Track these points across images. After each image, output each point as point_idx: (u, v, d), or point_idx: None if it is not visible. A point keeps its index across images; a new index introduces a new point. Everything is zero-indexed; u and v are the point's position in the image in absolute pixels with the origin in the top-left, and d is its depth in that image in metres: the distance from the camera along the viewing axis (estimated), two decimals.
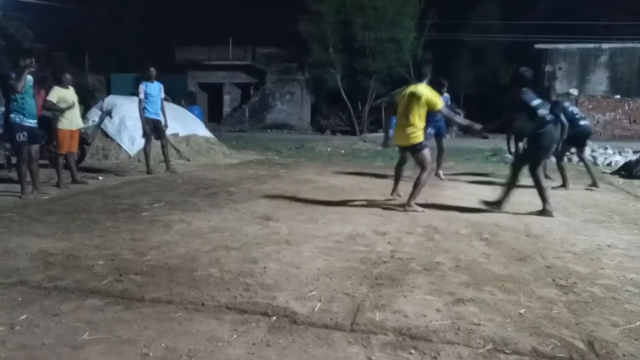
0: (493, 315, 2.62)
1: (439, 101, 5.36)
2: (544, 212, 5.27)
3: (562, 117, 6.88)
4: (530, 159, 5.36)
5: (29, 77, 5.73)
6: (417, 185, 5.38)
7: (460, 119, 6.35)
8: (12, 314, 2.54)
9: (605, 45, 22.92)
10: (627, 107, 22.22)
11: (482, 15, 28.16)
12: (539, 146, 5.23)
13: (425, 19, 25.97)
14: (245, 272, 3.25)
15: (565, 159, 7.79)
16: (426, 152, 5.41)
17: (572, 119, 7.06)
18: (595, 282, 3.19)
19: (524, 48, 24.80)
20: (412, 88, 5.38)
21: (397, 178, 6.15)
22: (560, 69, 23.15)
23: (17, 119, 5.65)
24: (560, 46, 23.32)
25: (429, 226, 4.69)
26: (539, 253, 3.85)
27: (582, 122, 7.22)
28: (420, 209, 5.38)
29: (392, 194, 6.11)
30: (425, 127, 5.61)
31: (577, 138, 7.25)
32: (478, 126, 5.64)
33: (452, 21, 25.74)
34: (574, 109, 7.31)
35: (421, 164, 5.42)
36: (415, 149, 5.36)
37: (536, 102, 5.18)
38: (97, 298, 2.78)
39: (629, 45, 22.83)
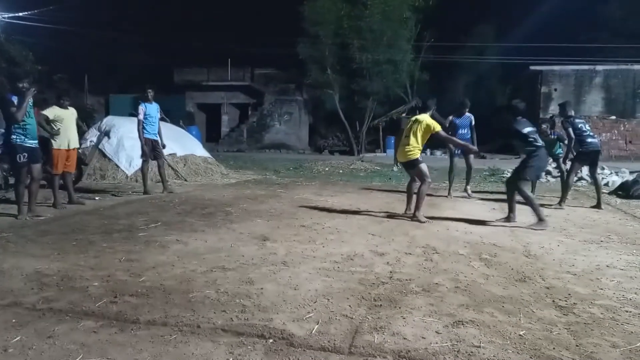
0: (493, 337, 2.59)
1: (437, 125, 6.11)
2: (539, 223, 5.67)
3: (570, 131, 7.04)
4: (522, 175, 5.85)
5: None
6: (419, 198, 6.08)
7: (457, 140, 7.01)
8: (6, 336, 2.50)
9: (599, 67, 23.22)
10: (622, 128, 22.40)
11: (478, 37, 28.60)
12: (533, 166, 5.74)
13: (422, 41, 26.36)
14: (242, 293, 3.22)
15: (574, 176, 7.79)
16: (423, 167, 6.12)
17: (580, 135, 7.15)
18: (594, 303, 3.17)
19: (520, 70, 25.11)
20: (416, 117, 6.26)
21: (409, 196, 6.54)
22: (555, 90, 23.39)
23: (18, 140, 5.69)
24: (555, 68, 23.61)
25: (428, 247, 4.68)
26: (538, 274, 3.83)
27: (589, 140, 7.23)
28: (425, 219, 5.95)
29: (405, 212, 6.43)
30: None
31: (586, 155, 7.31)
32: (473, 148, 6.42)
33: (448, 43, 26.12)
34: (583, 126, 7.34)
35: (420, 178, 6.15)
36: (413, 164, 6.15)
37: (527, 129, 5.80)
38: (91, 320, 2.75)
39: (623, 67, 23.13)
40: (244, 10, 35.23)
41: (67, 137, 6.80)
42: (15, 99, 5.58)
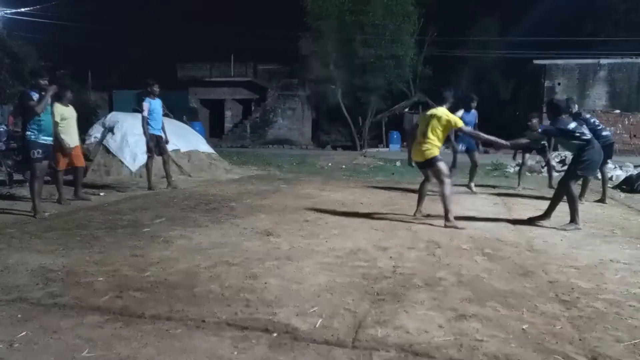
0: (496, 331, 2.60)
1: (459, 120, 5.64)
2: (571, 225, 5.38)
3: (586, 128, 6.95)
4: (574, 173, 5.55)
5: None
6: (445, 202, 5.41)
7: (484, 134, 6.13)
8: (12, 331, 2.52)
9: (603, 61, 23.05)
10: (627, 122, 22.27)
11: (481, 31, 28.46)
12: (587, 160, 5.43)
13: (425, 35, 26.25)
14: (246, 288, 3.23)
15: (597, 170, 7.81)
16: (441, 165, 5.50)
17: (595, 130, 7.07)
18: (598, 297, 3.17)
19: (523, 64, 24.98)
20: (433, 111, 5.63)
21: (421, 197, 5.94)
22: (559, 84, 23.26)
23: (33, 136, 5.70)
24: (559, 62, 23.46)
25: (431, 241, 4.68)
26: (541, 268, 3.83)
27: (604, 133, 7.22)
28: (460, 224, 5.35)
29: (414, 215, 5.87)
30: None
31: (604, 149, 7.18)
32: (503, 142, 5.69)
33: (451, 38, 26.02)
34: (595, 120, 7.36)
35: (438, 178, 5.52)
36: (430, 163, 5.51)
37: (572, 125, 5.53)
38: (96, 315, 2.77)
39: (627, 61, 22.96)
40: (246, 5, 35.20)
41: (70, 135, 6.80)
42: (35, 95, 5.61)
